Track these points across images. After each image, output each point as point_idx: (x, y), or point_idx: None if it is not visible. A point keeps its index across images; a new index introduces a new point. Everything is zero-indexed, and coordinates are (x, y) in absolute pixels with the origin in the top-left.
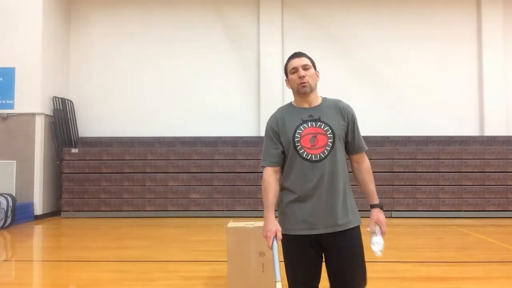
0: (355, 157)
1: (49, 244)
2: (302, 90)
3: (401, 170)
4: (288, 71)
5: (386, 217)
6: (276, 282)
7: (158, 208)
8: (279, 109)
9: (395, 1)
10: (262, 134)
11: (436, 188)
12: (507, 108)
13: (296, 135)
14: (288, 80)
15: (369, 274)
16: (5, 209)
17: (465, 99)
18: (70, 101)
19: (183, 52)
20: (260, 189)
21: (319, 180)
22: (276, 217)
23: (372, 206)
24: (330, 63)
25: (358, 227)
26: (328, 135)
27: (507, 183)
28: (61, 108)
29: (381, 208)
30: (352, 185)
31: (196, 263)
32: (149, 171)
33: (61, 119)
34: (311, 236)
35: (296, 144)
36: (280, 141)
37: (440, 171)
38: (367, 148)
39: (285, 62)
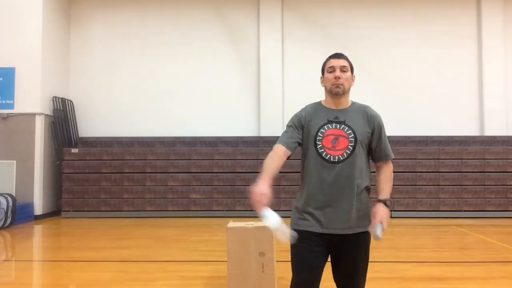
0: (379, 164)
1: (49, 244)
2: (335, 90)
3: (401, 170)
4: (325, 69)
5: None
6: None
7: (158, 208)
8: (308, 105)
9: (395, 1)
10: (262, 134)
11: (436, 188)
12: (507, 108)
13: (319, 133)
14: (323, 78)
15: (369, 274)
16: (5, 209)
17: (465, 99)
18: (70, 101)
19: (183, 52)
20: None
21: (334, 181)
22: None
23: (378, 201)
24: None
25: (368, 233)
26: (350, 139)
27: (507, 183)
28: (61, 108)
29: (386, 205)
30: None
31: (196, 263)
32: (149, 171)
33: (61, 119)
34: (322, 235)
35: (317, 142)
36: (302, 133)
37: (440, 171)
38: (393, 156)
39: (285, 61)
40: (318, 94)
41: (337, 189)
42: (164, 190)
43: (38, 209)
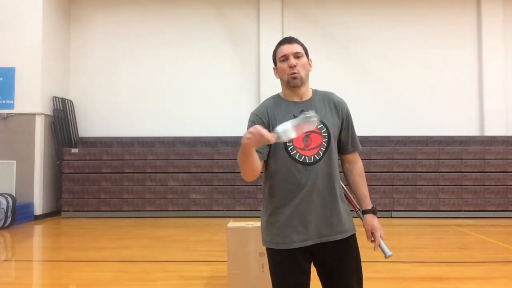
0: (348, 157)
1: (49, 244)
2: (292, 82)
3: (401, 170)
4: (277, 58)
5: (386, 217)
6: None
7: (158, 208)
8: (265, 101)
9: (395, 1)
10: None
11: (436, 188)
12: (507, 108)
13: None
14: (276, 69)
15: (369, 274)
16: (5, 209)
17: (465, 99)
18: (70, 101)
19: (183, 52)
20: (260, 189)
21: (313, 184)
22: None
23: (365, 212)
24: (329, 63)
25: (353, 236)
26: (323, 134)
27: (507, 183)
28: (61, 108)
29: (375, 213)
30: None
31: (196, 263)
32: (149, 171)
33: (61, 119)
34: (304, 248)
35: (288, 144)
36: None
37: (440, 171)
38: (361, 147)
39: None
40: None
41: (318, 193)
42: (164, 190)
43: (38, 209)
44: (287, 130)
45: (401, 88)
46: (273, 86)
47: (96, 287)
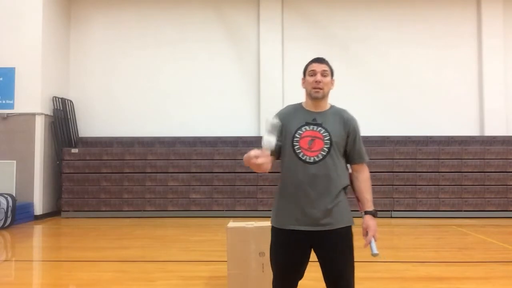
0: (354, 166)
1: (49, 244)
2: (314, 94)
3: (401, 170)
4: (306, 72)
5: (386, 217)
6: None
7: (158, 208)
8: (288, 106)
9: (395, 1)
10: (262, 134)
11: (436, 188)
12: (507, 108)
13: (296, 135)
14: (304, 80)
15: (369, 274)
16: (5, 209)
17: (465, 99)
18: (70, 101)
19: (183, 52)
20: (260, 189)
21: (310, 180)
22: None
23: (365, 213)
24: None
25: (348, 228)
26: (325, 141)
27: (507, 183)
28: (61, 108)
29: (374, 216)
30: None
31: (196, 263)
32: (149, 171)
33: (61, 119)
34: (300, 231)
35: (295, 143)
36: (280, 135)
37: (440, 171)
38: (367, 159)
39: (285, 61)
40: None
41: (314, 188)
42: (164, 190)
43: (38, 209)
44: (265, 140)
45: (401, 88)
46: (273, 86)
47: (96, 287)
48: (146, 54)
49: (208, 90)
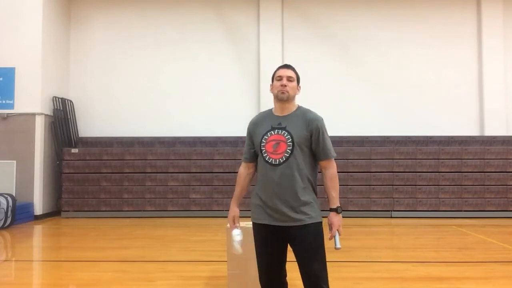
0: (322, 163)
1: (49, 244)
2: (280, 96)
3: (401, 170)
4: (274, 77)
5: (386, 217)
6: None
7: (158, 208)
8: (259, 114)
9: (395, 1)
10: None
11: (436, 188)
12: (507, 108)
13: (263, 140)
14: (272, 86)
15: (369, 274)
16: (5, 209)
17: (465, 99)
18: (70, 101)
19: (183, 52)
20: None
21: (277, 180)
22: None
23: (330, 210)
24: (329, 63)
25: (317, 224)
26: (288, 143)
27: (507, 183)
28: (61, 108)
29: (337, 212)
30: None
31: (196, 263)
32: (149, 171)
33: (61, 119)
34: (274, 226)
35: (262, 148)
36: (253, 143)
37: (440, 171)
38: (334, 155)
39: (285, 61)
40: (317, 94)
41: (281, 187)
42: (164, 190)
43: (38, 209)
44: (235, 248)
45: (401, 88)
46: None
47: (96, 287)
48: (146, 54)
49: (208, 90)
